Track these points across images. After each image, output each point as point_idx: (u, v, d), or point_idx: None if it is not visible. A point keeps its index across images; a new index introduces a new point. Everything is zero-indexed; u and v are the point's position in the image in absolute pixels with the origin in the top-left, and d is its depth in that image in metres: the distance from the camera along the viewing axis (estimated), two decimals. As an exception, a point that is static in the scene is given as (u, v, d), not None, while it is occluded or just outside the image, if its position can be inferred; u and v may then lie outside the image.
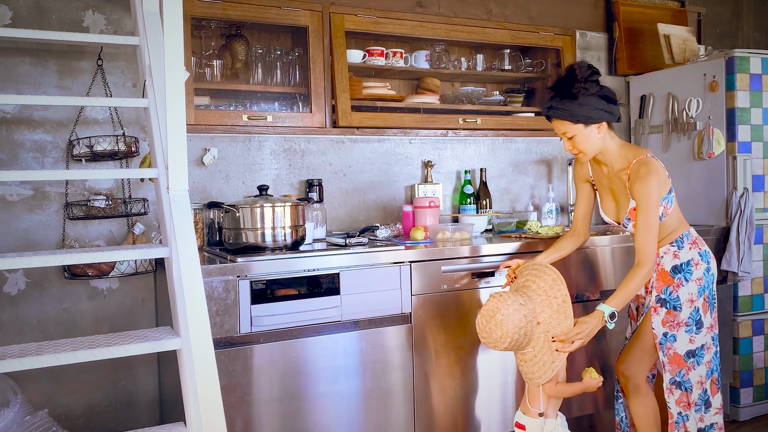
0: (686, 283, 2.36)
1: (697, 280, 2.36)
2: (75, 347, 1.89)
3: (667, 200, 2.36)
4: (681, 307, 2.35)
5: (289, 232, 2.51)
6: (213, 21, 2.89)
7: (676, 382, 2.39)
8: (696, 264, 2.37)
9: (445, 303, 2.65)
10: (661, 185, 2.30)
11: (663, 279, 2.38)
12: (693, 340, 2.36)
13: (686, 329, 2.36)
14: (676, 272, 2.37)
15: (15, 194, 2.62)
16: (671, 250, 2.39)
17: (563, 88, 2.31)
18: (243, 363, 2.31)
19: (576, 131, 2.31)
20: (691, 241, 2.41)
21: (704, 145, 3.33)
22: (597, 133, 2.32)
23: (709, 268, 2.40)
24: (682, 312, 2.35)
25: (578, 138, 2.33)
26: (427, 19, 3.24)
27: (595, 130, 2.32)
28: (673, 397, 2.40)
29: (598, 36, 3.91)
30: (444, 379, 2.66)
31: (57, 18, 2.68)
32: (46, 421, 2.33)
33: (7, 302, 2.60)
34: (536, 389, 2.31)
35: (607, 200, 2.50)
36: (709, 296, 2.40)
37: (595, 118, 2.29)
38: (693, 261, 2.37)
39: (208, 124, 2.80)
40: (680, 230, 2.41)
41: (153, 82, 2.32)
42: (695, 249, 2.39)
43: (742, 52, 3.25)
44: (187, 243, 2.01)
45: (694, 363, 2.37)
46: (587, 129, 2.31)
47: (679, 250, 2.38)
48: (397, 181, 3.36)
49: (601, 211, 2.53)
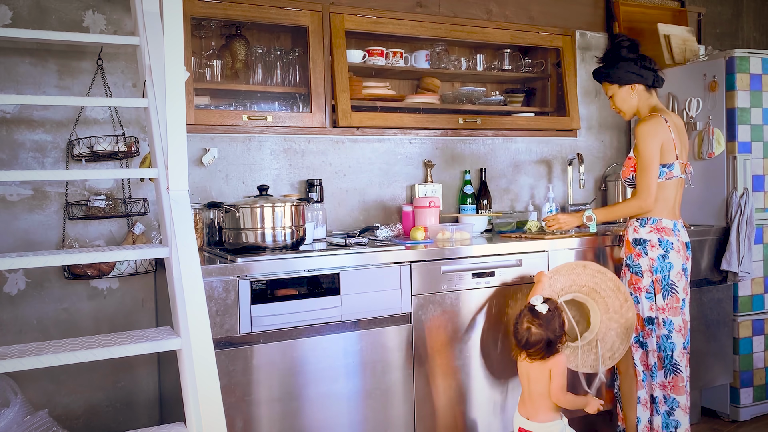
0: (644, 255, 2.63)
1: (651, 259, 2.61)
2: (75, 347, 1.89)
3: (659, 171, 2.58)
4: (642, 274, 2.63)
5: (289, 232, 2.51)
6: (213, 21, 2.89)
7: (639, 342, 2.69)
8: (652, 246, 2.61)
9: (445, 303, 2.65)
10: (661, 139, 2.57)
11: (628, 247, 2.69)
12: (652, 308, 2.63)
13: (646, 296, 2.64)
14: (636, 244, 2.65)
15: (15, 194, 2.62)
16: (634, 225, 2.68)
17: (605, 55, 2.75)
18: (243, 363, 2.31)
19: (613, 91, 2.72)
20: (656, 227, 2.62)
21: (704, 145, 3.33)
22: (631, 93, 2.68)
23: (666, 256, 2.60)
24: (644, 279, 2.63)
25: (616, 98, 2.72)
26: (427, 19, 3.24)
27: (629, 91, 2.68)
28: (637, 355, 2.70)
29: (598, 36, 3.91)
30: (444, 379, 2.66)
31: (57, 18, 2.68)
32: (46, 421, 2.33)
33: (7, 302, 2.60)
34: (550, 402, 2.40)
35: None
36: (662, 280, 2.61)
37: (626, 80, 2.67)
38: (650, 242, 2.62)
39: (208, 124, 2.80)
40: (653, 213, 2.63)
41: (153, 82, 2.31)
42: (656, 234, 2.62)
43: (742, 52, 3.25)
44: (187, 243, 2.01)
45: (651, 330, 2.64)
46: (622, 89, 2.69)
47: (640, 227, 2.65)
48: (397, 181, 3.36)
49: None
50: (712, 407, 3.37)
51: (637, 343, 2.69)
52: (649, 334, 2.65)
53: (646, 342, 2.67)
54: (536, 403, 2.42)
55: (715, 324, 3.24)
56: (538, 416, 2.41)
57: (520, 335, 2.40)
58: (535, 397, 2.42)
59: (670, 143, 2.59)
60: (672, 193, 2.64)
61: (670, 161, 2.61)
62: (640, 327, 2.67)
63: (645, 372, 2.70)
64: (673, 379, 2.63)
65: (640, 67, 2.66)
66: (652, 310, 2.64)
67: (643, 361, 2.69)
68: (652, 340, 2.65)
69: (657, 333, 2.64)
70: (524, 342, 2.38)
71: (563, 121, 3.56)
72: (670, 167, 2.61)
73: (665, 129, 2.59)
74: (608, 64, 2.71)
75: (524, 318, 2.40)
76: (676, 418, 2.63)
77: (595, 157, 3.89)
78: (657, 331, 2.64)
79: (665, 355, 2.64)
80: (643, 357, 2.69)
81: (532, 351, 2.38)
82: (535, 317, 2.37)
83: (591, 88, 3.86)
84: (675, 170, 2.62)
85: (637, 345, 2.69)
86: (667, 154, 2.60)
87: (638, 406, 2.70)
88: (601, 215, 2.72)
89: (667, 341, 2.63)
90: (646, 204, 2.59)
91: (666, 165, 2.61)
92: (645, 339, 2.67)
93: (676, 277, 2.62)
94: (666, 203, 2.64)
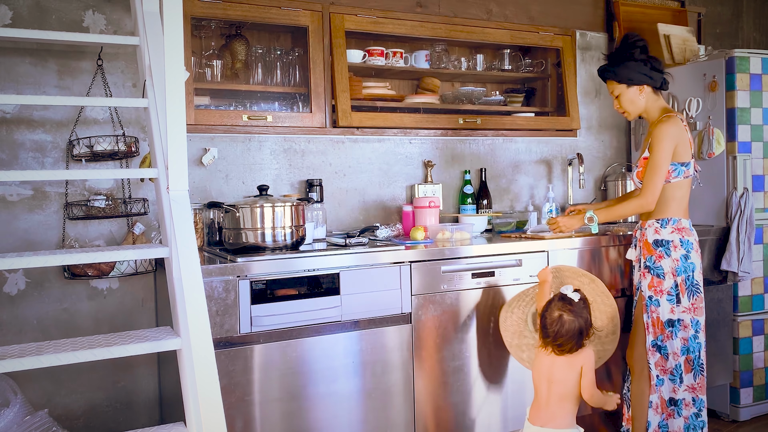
0: (666, 257, 2.58)
1: (674, 260, 2.57)
2: (75, 347, 1.89)
3: (676, 169, 2.55)
4: (664, 276, 2.58)
5: (289, 232, 2.51)
6: (213, 21, 2.89)
7: (657, 345, 2.61)
8: (675, 247, 2.57)
9: (445, 303, 2.65)
10: (678, 141, 2.54)
11: (647, 249, 2.63)
12: (674, 311, 2.58)
13: (668, 298, 2.58)
14: (658, 246, 2.60)
15: (15, 194, 2.62)
16: (654, 226, 2.62)
17: (614, 53, 2.70)
18: (243, 363, 2.31)
19: (621, 91, 2.66)
20: (677, 227, 2.59)
21: (704, 145, 3.33)
22: (639, 94, 2.65)
23: (688, 256, 2.57)
24: (665, 281, 2.58)
25: (623, 98, 2.67)
26: (427, 19, 3.24)
27: (638, 92, 2.64)
28: (653, 359, 2.61)
29: (598, 36, 3.91)
30: (444, 379, 2.66)
31: (57, 18, 2.68)
32: (46, 421, 2.33)
33: (7, 302, 2.60)
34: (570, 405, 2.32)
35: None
36: (686, 280, 2.57)
37: (636, 81, 2.62)
38: (672, 243, 2.58)
39: (208, 124, 2.80)
40: (672, 213, 2.60)
41: (153, 82, 2.32)
42: (677, 234, 2.58)
43: (742, 52, 3.25)
44: (187, 243, 2.01)
45: (672, 333, 2.58)
46: (630, 90, 2.65)
47: (661, 228, 2.60)
48: (397, 181, 3.36)
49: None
50: (712, 407, 3.36)
51: (654, 346, 2.61)
52: (669, 336, 2.58)
53: (665, 345, 2.59)
54: (554, 408, 2.30)
55: (715, 324, 3.24)
56: (556, 422, 2.29)
57: (550, 326, 2.29)
58: (553, 401, 2.31)
59: (686, 142, 2.57)
60: (687, 192, 2.62)
61: (688, 160, 2.58)
62: (659, 330, 2.59)
63: (661, 376, 2.61)
64: (700, 380, 2.60)
65: (650, 68, 2.63)
66: (674, 312, 2.57)
67: (660, 366, 2.60)
68: (673, 342, 2.57)
69: (683, 335, 2.57)
70: (555, 332, 2.27)
71: (563, 121, 3.56)
72: (687, 165, 2.58)
73: (683, 129, 2.57)
74: (616, 63, 2.65)
75: (554, 307, 2.31)
76: (703, 419, 2.61)
77: (595, 157, 3.89)
78: (683, 333, 2.57)
79: (694, 356, 2.58)
80: (661, 361, 2.60)
81: (563, 341, 2.27)
82: (568, 304, 2.29)
83: (591, 88, 3.86)
84: (691, 169, 2.60)
85: (654, 349, 2.61)
86: (684, 153, 2.56)
87: (649, 410, 2.63)
88: (603, 216, 2.67)
89: (695, 341, 2.59)
90: (648, 204, 2.56)
91: (684, 164, 2.57)
92: (664, 342, 2.59)
93: (698, 277, 2.59)
94: (682, 202, 2.61)
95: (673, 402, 2.61)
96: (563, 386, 2.30)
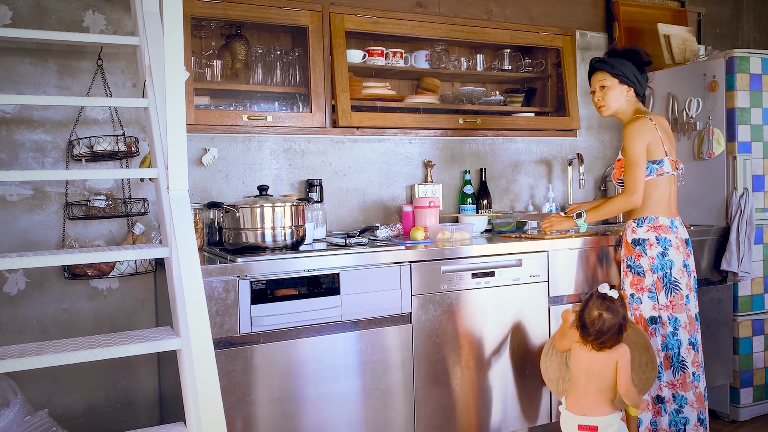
0: (644, 255, 2.66)
1: (651, 258, 2.64)
2: (75, 347, 1.89)
3: (648, 167, 2.64)
4: (644, 274, 2.66)
5: (289, 232, 2.51)
6: (213, 21, 2.89)
7: None
8: (651, 245, 2.65)
9: (445, 303, 2.65)
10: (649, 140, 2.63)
11: (627, 248, 2.72)
12: (655, 308, 2.66)
13: (649, 295, 2.66)
14: (636, 245, 2.68)
15: (15, 194, 2.62)
16: (632, 225, 2.71)
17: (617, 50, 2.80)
18: (243, 363, 2.31)
19: (610, 84, 2.74)
20: (653, 226, 2.65)
21: (704, 145, 3.33)
22: (625, 94, 2.74)
23: (665, 253, 2.63)
24: (645, 279, 2.66)
25: (609, 91, 2.75)
26: (427, 19, 3.24)
27: (624, 91, 2.74)
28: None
29: (598, 36, 3.91)
30: (444, 379, 2.66)
31: (57, 18, 2.68)
32: (46, 421, 2.33)
33: (7, 302, 2.60)
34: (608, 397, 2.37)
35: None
36: (663, 278, 2.64)
37: (628, 80, 2.73)
38: (648, 242, 2.65)
39: (208, 124, 2.80)
40: (648, 212, 2.67)
41: (153, 82, 2.32)
42: (653, 233, 2.65)
43: (742, 52, 3.25)
44: (187, 243, 2.01)
45: (654, 330, 2.66)
46: (619, 87, 2.74)
47: (637, 228, 2.68)
48: (397, 181, 3.36)
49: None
50: (712, 407, 3.36)
51: None
52: (652, 333, 2.65)
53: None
54: (593, 398, 2.35)
55: (715, 324, 3.24)
56: (596, 410, 2.35)
57: (591, 325, 2.32)
58: (592, 393, 2.35)
59: (657, 141, 2.64)
60: (665, 190, 2.67)
61: (660, 158, 2.65)
62: (642, 328, 2.66)
63: None
64: (681, 376, 2.64)
65: (643, 77, 2.76)
66: (655, 309, 2.65)
67: None
68: (656, 339, 2.65)
69: (662, 332, 2.65)
70: (597, 330, 2.31)
71: (563, 121, 3.56)
72: (659, 163, 2.64)
73: (651, 128, 2.64)
74: (616, 58, 2.74)
75: (593, 306, 2.33)
76: (685, 414, 2.65)
77: (595, 157, 3.89)
78: (662, 330, 2.64)
79: (672, 353, 2.64)
80: None
81: (606, 338, 2.31)
82: (608, 302, 2.33)
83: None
84: (665, 166, 2.65)
85: None
86: (655, 151, 2.64)
87: None
88: (590, 213, 2.75)
89: (674, 338, 2.64)
90: (633, 199, 2.63)
91: (655, 161, 2.64)
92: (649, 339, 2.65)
93: (677, 274, 2.63)
94: (660, 200, 2.66)
95: (660, 399, 2.68)
96: (601, 380, 2.35)
